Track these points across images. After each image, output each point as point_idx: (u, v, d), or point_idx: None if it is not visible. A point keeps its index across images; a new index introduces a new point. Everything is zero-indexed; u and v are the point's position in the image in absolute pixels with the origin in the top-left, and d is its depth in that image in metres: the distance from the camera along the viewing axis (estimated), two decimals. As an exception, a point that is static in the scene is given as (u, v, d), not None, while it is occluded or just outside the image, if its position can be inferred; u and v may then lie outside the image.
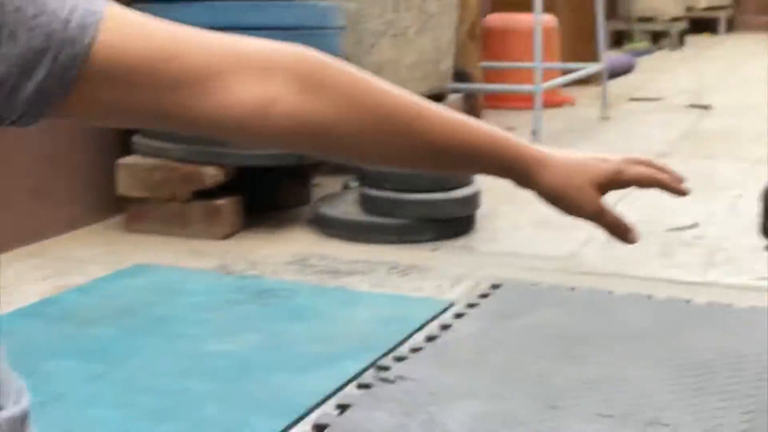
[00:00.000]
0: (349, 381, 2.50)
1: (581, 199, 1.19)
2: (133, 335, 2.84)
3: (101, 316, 2.99)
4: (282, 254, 3.71)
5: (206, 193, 3.92)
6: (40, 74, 1.07)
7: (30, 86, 1.08)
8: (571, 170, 1.19)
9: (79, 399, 2.40)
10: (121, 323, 2.94)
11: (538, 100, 5.77)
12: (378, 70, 4.82)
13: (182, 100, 1.09)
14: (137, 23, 1.12)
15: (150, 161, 3.97)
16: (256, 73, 1.07)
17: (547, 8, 6.28)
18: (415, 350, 2.67)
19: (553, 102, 7.11)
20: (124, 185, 3.99)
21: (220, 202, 3.94)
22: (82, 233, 3.99)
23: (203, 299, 3.18)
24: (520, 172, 1.18)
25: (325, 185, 4.65)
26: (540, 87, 5.78)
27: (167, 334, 2.85)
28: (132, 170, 3.98)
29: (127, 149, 4.06)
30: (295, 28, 3.86)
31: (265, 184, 4.21)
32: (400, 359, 2.62)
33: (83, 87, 1.09)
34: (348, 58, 4.47)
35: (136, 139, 4.08)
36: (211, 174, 3.91)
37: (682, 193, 1.22)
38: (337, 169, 4.77)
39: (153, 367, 2.61)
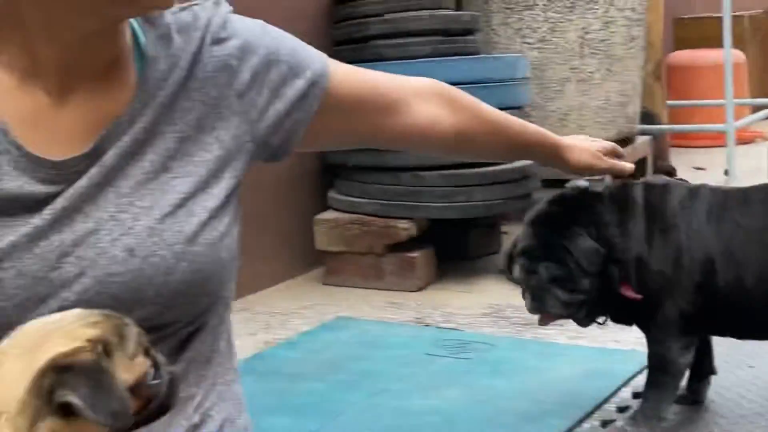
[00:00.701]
0: (557, 439, 2.50)
1: (597, 164, 1.99)
2: (341, 390, 2.93)
3: (310, 371, 3.10)
4: (476, 305, 3.75)
5: (400, 246, 4.02)
6: (297, 115, 1.38)
7: (288, 123, 1.37)
8: (584, 150, 1.95)
9: (297, 455, 2.50)
10: (329, 378, 3.04)
11: (731, 139, 5.59)
12: (563, 116, 4.82)
13: (385, 120, 1.50)
14: (349, 66, 1.49)
15: (346, 216, 4.11)
16: (423, 100, 1.53)
17: (734, 43, 6.12)
18: (621, 409, 2.65)
19: (742, 138, 6.89)
20: (322, 240, 4.13)
21: (414, 254, 4.02)
22: (284, 287, 4.16)
23: (404, 353, 3.25)
24: (556, 156, 1.89)
25: (513, 233, 4.67)
26: (733, 125, 5.61)
27: (373, 389, 2.92)
28: (329, 225, 4.13)
29: (323, 205, 4.22)
30: (485, 82, 3.92)
31: (455, 235, 4.28)
32: (606, 423, 2.59)
33: (320, 118, 1.40)
34: (533, 106, 4.51)
35: (332, 195, 4.23)
36: (404, 227, 4.01)
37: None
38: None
39: (363, 423, 2.68)
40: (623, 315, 2.43)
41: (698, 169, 6.16)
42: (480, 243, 4.46)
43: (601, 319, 2.45)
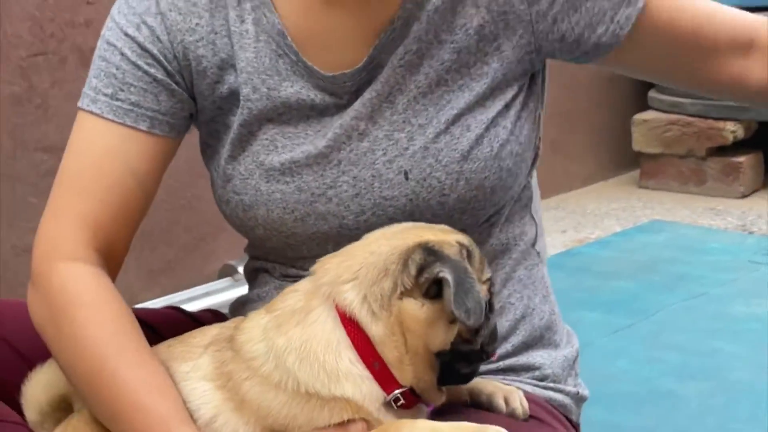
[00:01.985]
0: None
1: None
2: (655, 291, 2.83)
3: (621, 270, 3.02)
4: (809, 215, 3.47)
5: (724, 150, 3.78)
6: (600, 29, 1.18)
7: (593, 39, 1.19)
8: None
9: (607, 350, 2.44)
10: (642, 278, 2.94)
11: None
12: None
13: (703, 64, 1.23)
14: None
15: (666, 116, 3.91)
16: (742, 52, 1.22)
17: None
18: None
19: None
20: (639, 141, 3.97)
21: (740, 159, 3.77)
22: (597, 188, 4.05)
23: (725, 258, 3.07)
24: None
25: None
26: None
27: (690, 292, 2.79)
28: (647, 126, 3.95)
29: (643, 105, 4.04)
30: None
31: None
32: None
33: (629, 44, 1.19)
34: None
35: (652, 94, 4.03)
36: (731, 130, 3.75)
37: None
38: None
39: (678, 324, 2.57)
40: None
41: None
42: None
43: None
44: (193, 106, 1.23)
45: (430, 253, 0.99)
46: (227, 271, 2.58)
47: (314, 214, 1.19)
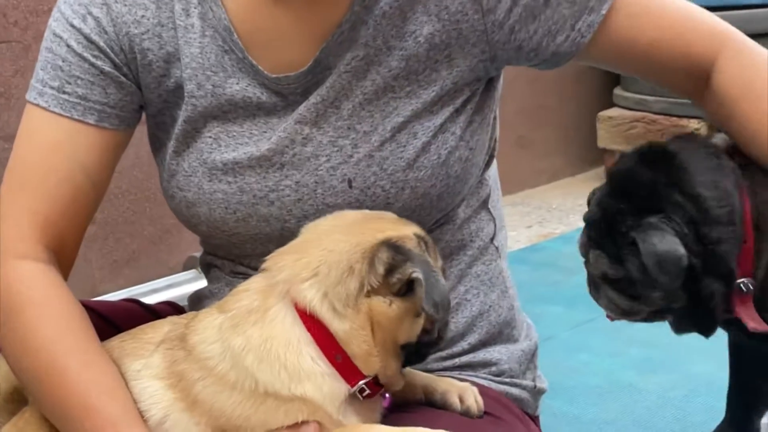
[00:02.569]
0: None
1: None
2: (617, 286, 2.84)
3: (583, 266, 3.03)
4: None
5: (688, 147, 3.81)
6: (559, 39, 1.16)
7: (551, 47, 1.17)
8: None
9: (569, 343, 2.46)
10: (605, 274, 2.96)
11: None
12: None
13: (662, 77, 1.21)
14: (647, 2, 1.18)
15: (630, 114, 3.93)
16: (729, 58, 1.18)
17: None
18: None
19: None
20: (604, 138, 3.99)
21: (703, 156, 3.80)
22: (563, 184, 4.08)
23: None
24: None
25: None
26: None
27: (651, 288, 2.81)
28: (612, 123, 3.97)
29: (609, 102, 4.07)
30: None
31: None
32: None
33: (588, 50, 1.17)
34: None
35: (618, 92, 4.06)
36: (694, 127, 3.78)
37: None
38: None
39: (639, 318, 2.59)
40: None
41: None
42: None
43: None
44: (142, 97, 1.21)
45: (396, 250, 0.99)
46: (192, 264, 2.56)
47: (256, 215, 1.17)
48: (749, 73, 1.18)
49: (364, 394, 1.02)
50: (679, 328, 1.34)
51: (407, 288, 0.99)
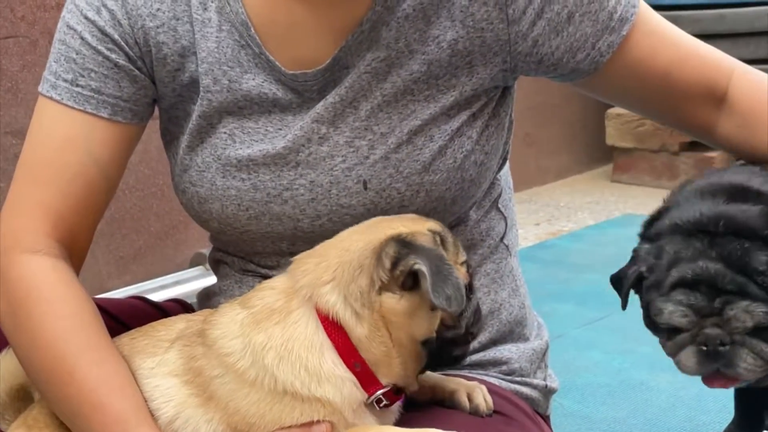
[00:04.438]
0: None
1: None
2: (626, 284, 2.83)
3: (594, 263, 3.02)
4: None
5: (696, 145, 3.79)
6: (579, 56, 1.15)
7: (571, 64, 1.16)
8: None
9: (579, 341, 2.45)
10: (614, 271, 2.94)
11: None
12: None
13: (676, 105, 1.19)
14: (664, 27, 1.19)
15: (640, 111, 3.92)
16: (707, 101, 1.20)
17: None
18: None
19: None
20: (612, 135, 3.98)
21: (713, 154, 3.78)
22: (571, 181, 4.06)
23: (696, 253, 3.09)
24: None
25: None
26: None
27: (661, 286, 2.79)
28: (621, 121, 3.96)
29: (617, 99, 4.06)
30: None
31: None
32: None
33: (604, 72, 1.16)
34: None
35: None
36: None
37: None
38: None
39: (649, 317, 2.57)
40: None
41: None
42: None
43: None
44: (155, 91, 1.20)
45: (403, 245, 0.98)
46: (199, 260, 2.56)
47: (269, 214, 1.16)
48: (765, 85, 1.19)
49: (381, 404, 1.01)
50: None
51: (414, 281, 0.98)
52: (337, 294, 0.99)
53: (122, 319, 1.25)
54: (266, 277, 1.13)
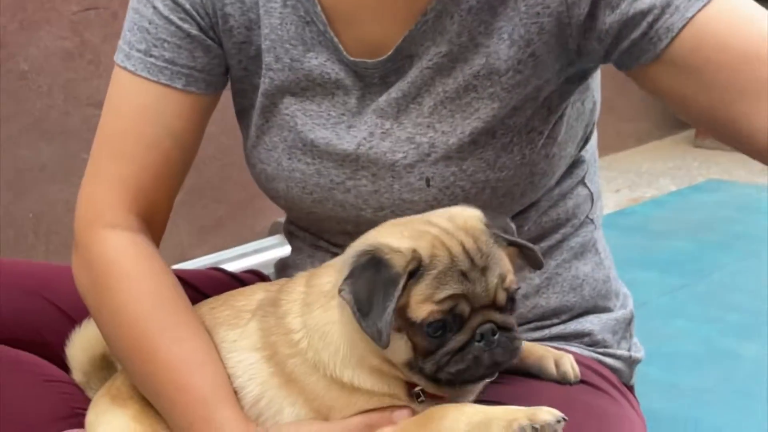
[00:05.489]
0: None
1: None
2: (711, 250, 2.77)
3: (676, 230, 2.97)
4: None
5: None
6: (636, 33, 1.02)
7: (624, 44, 1.03)
8: None
9: (662, 309, 2.40)
10: (698, 238, 2.88)
11: None
12: None
13: (742, 109, 0.99)
14: (745, 11, 1.00)
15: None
16: None
17: None
18: None
19: None
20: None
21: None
22: (652, 147, 3.98)
23: (782, 219, 3.01)
24: None
25: None
26: None
27: (747, 252, 2.73)
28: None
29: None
30: None
31: None
32: None
33: (663, 60, 1.01)
34: None
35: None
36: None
37: None
38: None
39: (735, 284, 2.52)
40: None
41: None
42: None
43: None
44: (227, 61, 1.18)
45: (358, 261, 0.92)
46: (277, 229, 2.57)
47: (332, 200, 1.15)
48: None
49: (419, 399, 0.97)
50: None
51: None
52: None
53: (201, 289, 1.25)
54: (336, 254, 1.09)
